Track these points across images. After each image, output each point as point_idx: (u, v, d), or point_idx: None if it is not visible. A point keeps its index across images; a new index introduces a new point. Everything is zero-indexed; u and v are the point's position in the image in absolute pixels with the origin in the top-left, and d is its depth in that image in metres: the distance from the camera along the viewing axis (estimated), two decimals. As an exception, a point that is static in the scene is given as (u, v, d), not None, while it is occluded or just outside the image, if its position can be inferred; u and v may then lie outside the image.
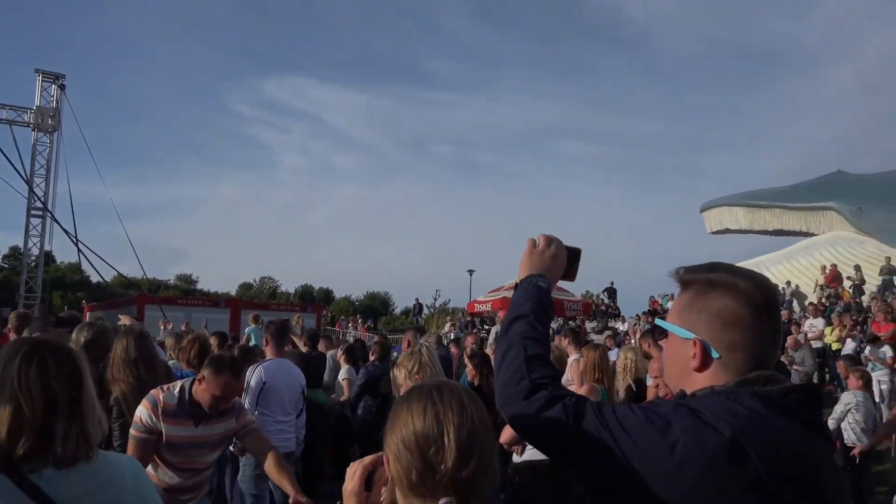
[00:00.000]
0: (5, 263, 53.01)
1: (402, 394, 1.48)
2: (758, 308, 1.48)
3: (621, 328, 23.41)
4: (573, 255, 1.86)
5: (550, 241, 1.81)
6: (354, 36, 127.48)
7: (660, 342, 1.66)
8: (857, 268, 22.95)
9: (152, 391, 3.72)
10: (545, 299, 1.71)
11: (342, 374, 8.75)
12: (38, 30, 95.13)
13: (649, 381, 6.63)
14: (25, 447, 1.73)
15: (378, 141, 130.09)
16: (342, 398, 8.57)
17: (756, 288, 1.50)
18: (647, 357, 7.04)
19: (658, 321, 1.67)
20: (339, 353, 9.31)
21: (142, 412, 3.62)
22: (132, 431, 3.60)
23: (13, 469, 1.73)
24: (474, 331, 20.54)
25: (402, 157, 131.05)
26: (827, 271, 23.71)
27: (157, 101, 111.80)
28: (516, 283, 1.78)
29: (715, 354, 1.49)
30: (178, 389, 3.74)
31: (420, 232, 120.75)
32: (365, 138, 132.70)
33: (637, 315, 25.05)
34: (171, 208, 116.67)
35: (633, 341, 16.44)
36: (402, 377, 3.76)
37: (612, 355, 12.08)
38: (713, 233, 35.94)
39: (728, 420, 1.33)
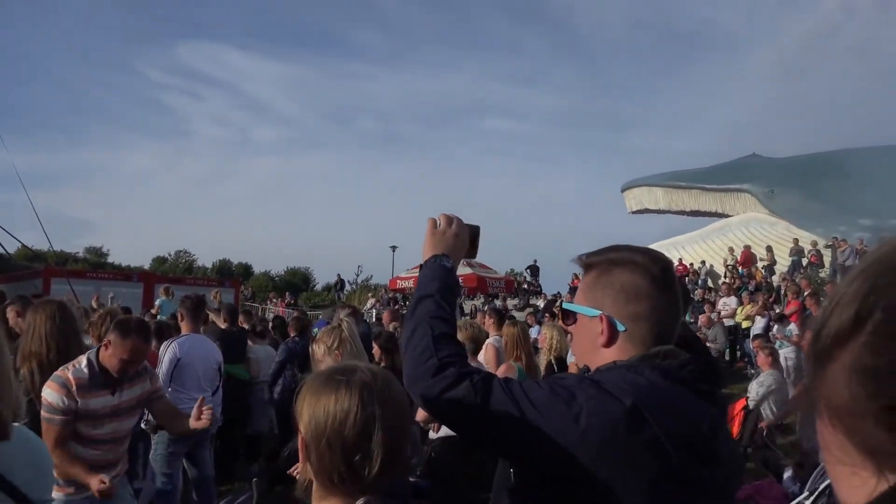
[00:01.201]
0: None
1: (329, 372, 1.49)
2: (656, 279, 1.57)
3: (541, 305, 23.82)
4: (473, 233, 1.89)
5: (451, 220, 1.85)
6: (275, 2, 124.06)
7: (568, 326, 1.72)
8: (769, 249, 23.93)
9: (57, 372, 3.61)
10: (450, 279, 1.75)
11: (250, 352, 8.66)
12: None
13: (571, 359, 6.81)
14: None
15: (299, 113, 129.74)
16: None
17: (653, 261, 1.60)
18: (567, 333, 7.22)
19: (565, 304, 1.74)
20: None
21: (52, 396, 3.50)
22: (48, 415, 3.49)
23: None
24: (396, 307, 20.54)
25: (324, 129, 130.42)
26: (737, 253, 24.59)
27: (62, 62, 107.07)
28: (420, 265, 1.81)
29: (621, 327, 1.57)
30: (84, 363, 3.65)
31: (342, 207, 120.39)
32: (285, 110, 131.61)
33: (558, 293, 25.54)
34: (79, 176, 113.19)
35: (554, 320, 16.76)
36: (320, 352, 3.75)
37: (534, 332, 12.37)
38: (633, 212, 36.87)
39: (629, 390, 1.41)
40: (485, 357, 6.40)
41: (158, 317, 11.11)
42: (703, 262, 25.53)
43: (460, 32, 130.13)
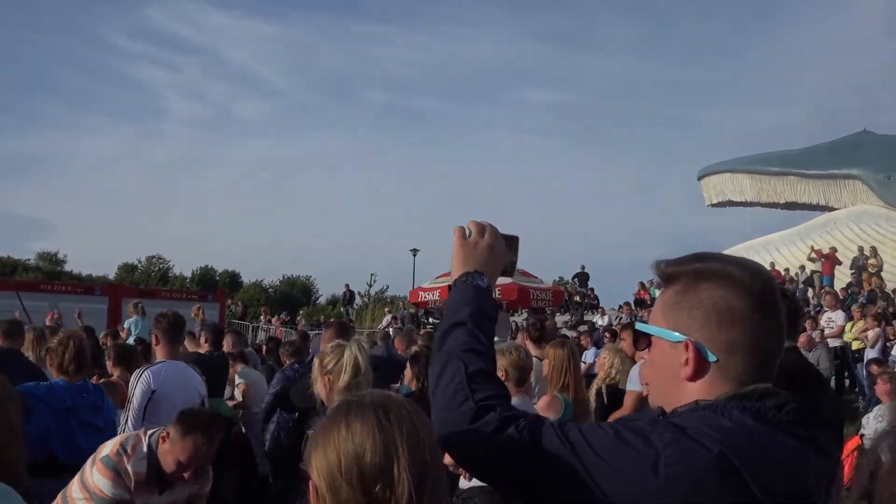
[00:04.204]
0: None
1: (324, 397, 1.51)
2: (756, 299, 1.55)
3: (600, 322, 23.68)
4: (511, 245, 1.89)
5: (483, 228, 1.85)
6: None
7: (641, 353, 1.71)
8: (874, 250, 23.52)
9: (112, 453, 3.56)
10: (485, 301, 1.75)
11: (237, 378, 8.71)
12: None
13: (630, 386, 6.72)
14: None
15: (291, 83, 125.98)
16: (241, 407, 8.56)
17: (752, 276, 1.57)
18: (630, 358, 7.14)
19: (639, 325, 1.72)
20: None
21: (102, 483, 3.47)
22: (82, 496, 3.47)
23: None
24: (429, 327, 20.45)
25: (321, 104, 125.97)
26: (824, 252, 24.16)
27: (6, 26, 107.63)
28: (450, 285, 1.82)
29: (711, 357, 1.54)
30: (145, 450, 3.60)
31: (350, 201, 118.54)
32: (274, 79, 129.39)
33: (620, 306, 25.41)
34: (29, 167, 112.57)
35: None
36: (316, 371, 3.81)
37: (589, 356, 12.28)
38: (713, 205, 36.59)
39: (714, 435, 1.40)
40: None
41: (128, 339, 11.20)
42: (802, 268, 25.25)
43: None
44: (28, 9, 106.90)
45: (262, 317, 32.22)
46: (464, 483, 5.06)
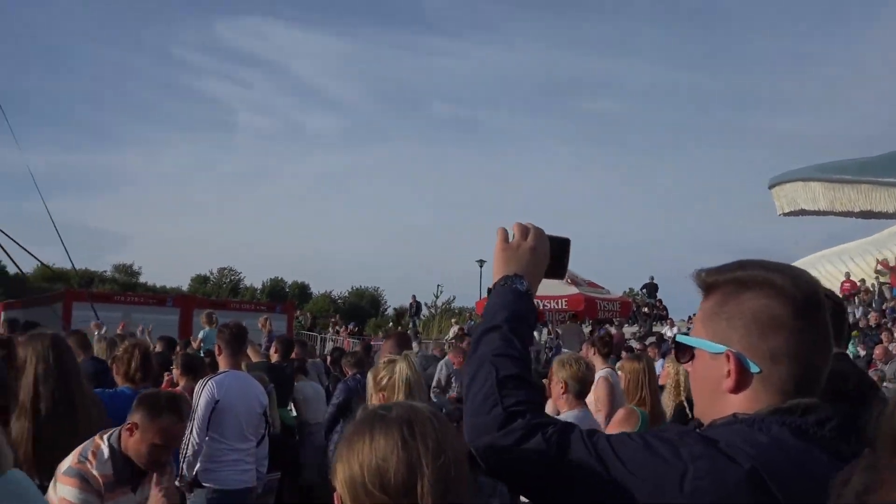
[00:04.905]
0: None
1: (360, 414, 1.50)
2: (799, 306, 1.50)
3: (669, 334, 23.41)
4: (560, 247, 1.86)
5: (526, 230, 1.81)
6: None
7: (684, 364, 1.66)
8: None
9: (70, 463, 3.48)
10: (523, 305, 1.72)
11: (297, 392, 8.87)
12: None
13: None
14: None
15: (360, 97, 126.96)
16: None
17: (796, 283, 1.53)
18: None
19: (679, 337, 1.68)
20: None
21: (68, 493, 3.38)
22: None
23: None
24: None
25: (390, 117, 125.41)
26: (890, 264, 23.66)
27: (85, 46, 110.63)
28: (489, 288, 1.79)
29: (754, 368, 1.50)
30: (107, 452, 3.52)
31: (417, 213, 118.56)
32: (343, 94, 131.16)
33: (689, 317, 25.07)
34: (106, 181, 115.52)
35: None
36: (370, 387, 3.81)
37: (658, 368, 12.15)
38: (785, 214, 35.89)
39: (748, 450, 1.36)
40: (595, 395, 6.28)
41: (201, 352, 11.38)
42: (878, 278, 24.68)
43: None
44: (102, 26, 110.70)
45: (330, 328, 32.56)
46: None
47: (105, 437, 3.59)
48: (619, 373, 5.93)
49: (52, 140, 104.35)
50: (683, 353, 1.65)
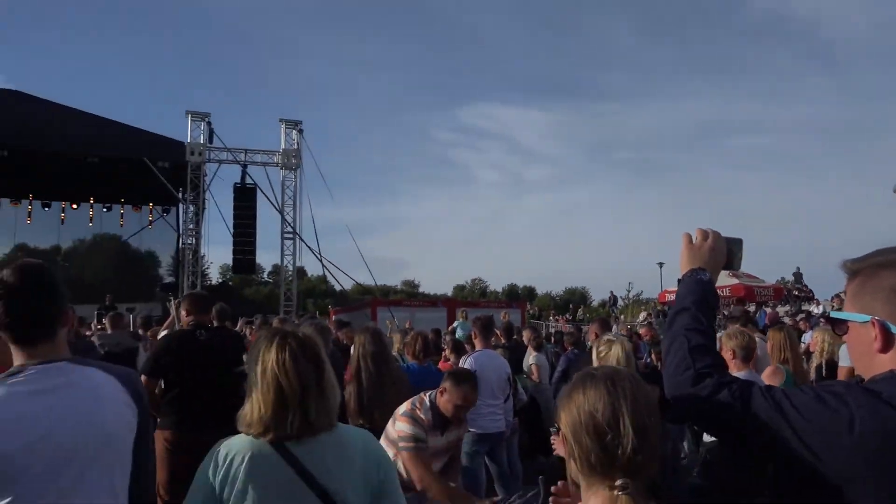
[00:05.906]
0: (269, 279, 59.10)
1: (576, 375, 1.51)
2: None
3: (816, 311, 21.40)
4: (735, 245, 1.77)
5: (706, 234, 1.74)
6: (527, 61, 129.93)
7: (841, 336, 1.53)
8: None
9: (407, 408, 3.67)
10: (707, 291, 1.64)
11: (530, 360, 8.89)
12: (280, 83, 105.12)
13: (843, 362, 6.03)
14: (294, 422, 1.81)
15: (563, 152, 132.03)
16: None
17: None
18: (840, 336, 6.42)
19: (832, 313, 1.56)
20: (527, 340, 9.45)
21: (410, 428, 3.56)
22: (411, 444, 3.54)
23: (278, 442, 1.84)
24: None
25: (586, 164, 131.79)
26: None
27: (370, 137, 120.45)
28: (679, 279, 1.73)
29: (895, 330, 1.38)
30: (428, 404, 3.71)
31: (611, 230, 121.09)
32: (550, 151, 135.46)
33: (833, 297, 22.73)
34: (391, 224, 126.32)
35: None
36: (594, 356, 3.78)
37: (808, 338, 11.15)
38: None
39: None
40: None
41: (455, 336, 11.82)
42: None
43: (700, 59, 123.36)
44: (380, 122, 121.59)
45: (551, 317, 32.52)
46: (707, 437, 4.76)
47: (427, 395, 3.79)
48: (768, 341, 5.54)
49: (353, 198, 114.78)
50: (839, 326, 1.51)
